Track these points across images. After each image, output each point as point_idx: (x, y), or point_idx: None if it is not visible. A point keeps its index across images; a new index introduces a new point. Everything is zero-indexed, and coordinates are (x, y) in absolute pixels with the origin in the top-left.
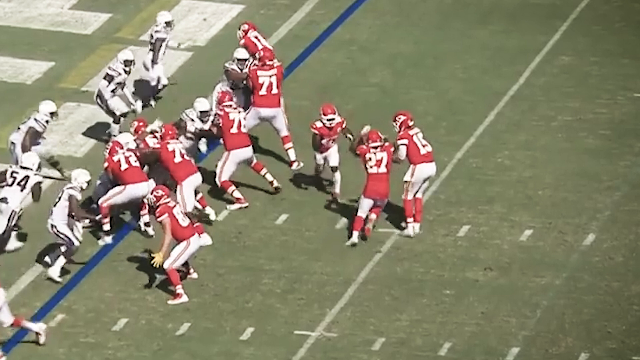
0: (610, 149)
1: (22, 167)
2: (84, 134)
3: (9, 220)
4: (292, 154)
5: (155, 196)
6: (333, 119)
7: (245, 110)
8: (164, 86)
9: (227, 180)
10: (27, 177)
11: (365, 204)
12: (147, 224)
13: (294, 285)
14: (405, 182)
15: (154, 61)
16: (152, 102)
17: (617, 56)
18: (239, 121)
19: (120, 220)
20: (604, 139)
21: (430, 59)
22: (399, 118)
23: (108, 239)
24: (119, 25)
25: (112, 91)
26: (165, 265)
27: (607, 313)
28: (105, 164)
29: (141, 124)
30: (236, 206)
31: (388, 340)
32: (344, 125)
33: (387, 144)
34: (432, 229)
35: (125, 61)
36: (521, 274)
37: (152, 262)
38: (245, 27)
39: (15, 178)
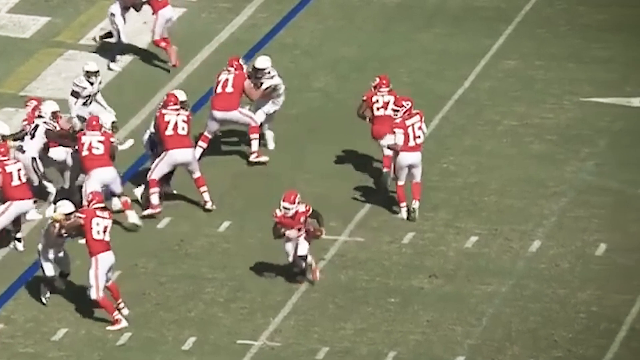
0: (556, 155)
1: (37, 116)
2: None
3: (34, 170)
4: (255, 145)
5: (87, 200)
6: (288, 209)
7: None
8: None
9: (155, 179)
10: (37, 126)
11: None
12: (18, 240)
13: (237, 294)
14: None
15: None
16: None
17: (562, 60)
18: (175, 123)
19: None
20: (550, 144)
21: (374, 62)
22: (407, 104)
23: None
24: (58, 29)
25: (83, 104)
26: (94, 296)
27: (553, 321)
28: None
29: (35, 101)
30: (149, 211)
31: (332, 349)
32: (308, 214)
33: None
34: (377, 236)
35: (87, 73)
36: (467, 281)
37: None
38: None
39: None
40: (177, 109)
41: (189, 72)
